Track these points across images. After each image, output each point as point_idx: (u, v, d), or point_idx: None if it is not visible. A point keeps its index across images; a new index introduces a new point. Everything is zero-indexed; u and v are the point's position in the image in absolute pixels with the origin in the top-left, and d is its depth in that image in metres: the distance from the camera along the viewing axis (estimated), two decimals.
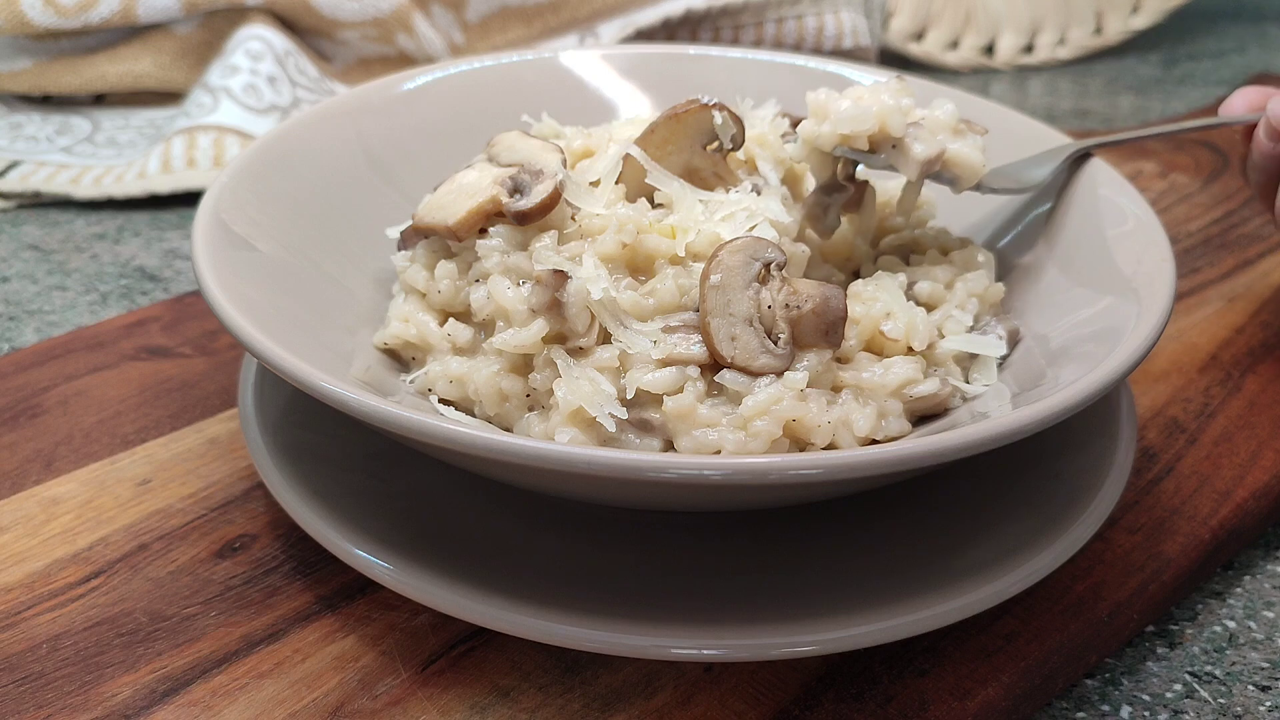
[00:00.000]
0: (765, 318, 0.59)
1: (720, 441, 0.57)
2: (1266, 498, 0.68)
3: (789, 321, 0.59)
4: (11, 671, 0.56)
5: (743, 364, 0.58)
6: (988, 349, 0.65)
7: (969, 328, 0.66)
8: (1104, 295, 0.63)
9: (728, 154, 0.69)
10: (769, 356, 0.58)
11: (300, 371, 0.52)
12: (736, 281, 0.59)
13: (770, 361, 0.58)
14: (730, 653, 0.52)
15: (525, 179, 0.65)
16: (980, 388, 0.63)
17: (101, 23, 1.18)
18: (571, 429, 0.58)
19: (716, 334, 0.58)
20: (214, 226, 0.63)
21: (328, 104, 0.79)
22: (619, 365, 0.59)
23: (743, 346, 0.58)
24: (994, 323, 0.67)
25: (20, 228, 1.03)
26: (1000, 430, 0.49)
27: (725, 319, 0.58)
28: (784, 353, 0.59)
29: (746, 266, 0.59)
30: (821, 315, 0.59)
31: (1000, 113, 0.81)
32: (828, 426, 0.57)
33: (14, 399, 0.75)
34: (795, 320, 0.59)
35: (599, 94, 0.87)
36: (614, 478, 0.48)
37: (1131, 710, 0.58)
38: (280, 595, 0.60)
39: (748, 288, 0.59)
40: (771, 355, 0.58)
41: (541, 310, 0.60)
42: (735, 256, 0.60)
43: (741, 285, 0.59)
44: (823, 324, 0.59)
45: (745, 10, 1.35)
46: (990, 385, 0.63)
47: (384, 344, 0.67)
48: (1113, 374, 0.53)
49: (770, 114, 0.75)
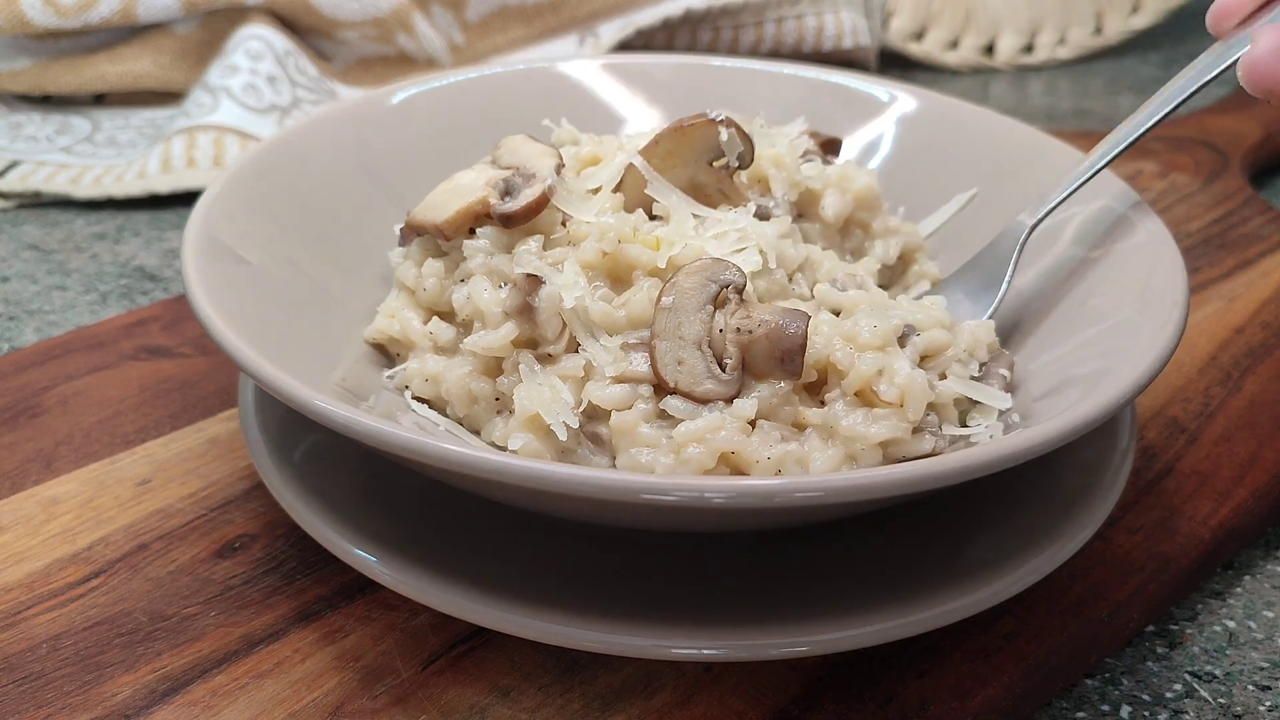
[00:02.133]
0: (716, 342, 0.57)
1: (653, 463, 0.56)
2: (1266, 498, 0.68)
3: (740, 347, 0.57)
4: (11, 671, 0.56)
5: (686, 389, 0.56)
6: (992, 400, 0.61)
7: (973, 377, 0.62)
8: (1113, 314, 0.62)
9: (734, 172, 0.68)
10: (713, 382, 0.56)
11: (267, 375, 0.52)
12: (690, 304, 0.57)
13: (714, 388, 0.56)
14: (730, 653, 0.52)
15: (517, 182, 0.65)
16: (979, 429, 0.60)
17: (101, 22, 1.18)
18: (526, 435, 0.58)
19: (662, 358, 0.57)
20: (204, 238, 0.63)
21: (324, 112, 0.79)
22: (584, 375, 0.59)
23: (687, 371, 0.56)
24: (994, 369, 0.63)
25: (20, 228, 1.03)
26: (1002, 453, 0.49)
27: (674, 342, 0.56)
28: (730, 379, 0.56)
29: (702, 289, 0.57)
30: (775, 341, 0.56)
31: (993, 119, 0.81)
32: (768, 462, 0.55)
33: (14, 399, 0.75)
34: (746, 345, 0.57)
35: (600, 103, 0.87)
36: (529, 489, 0.48)
37: (1131, 710, 0.58)
38: (280, 595, 0.60)
39: (701, 310, 0.57)
40: (716, 381, 0.56)
41: (514, 313, 0.61)
42: (691, 279, 0.58)
43: (695, 308, 0.57)
44: (777, 351, 0.56)
45: (745, 10, 1.35)
46: (989, 426, 0.60)
47: (371, 339, 0.68)
48: (1120, 397, 0.52)
49: (795, 131, 0.74)
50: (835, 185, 0.72)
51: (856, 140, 0.84)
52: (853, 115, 0.85)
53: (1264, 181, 1.18)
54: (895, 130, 0.84)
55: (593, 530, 0.58)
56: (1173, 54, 1.56)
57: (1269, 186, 1.17)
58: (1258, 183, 1.16)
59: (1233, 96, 1.27)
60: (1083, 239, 0.70)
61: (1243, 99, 1.26)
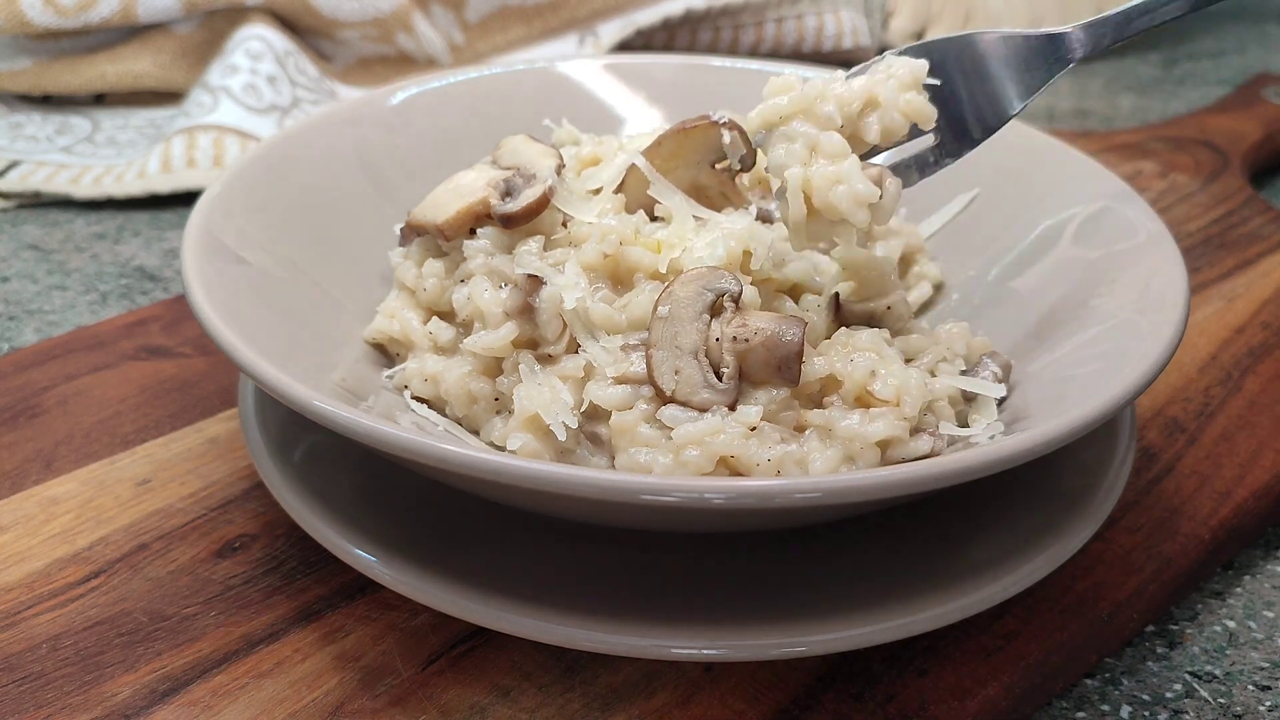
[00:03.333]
0: (712, 351, 0.57)
1: (651, 463, 0.56)
2: (1266, 498, 0.68)
3: (736, 355, 0.57)
4: (11, 671, 0.56)
5: (683, 398, 0.56)
6: (986, 390, 0.61)
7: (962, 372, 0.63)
8: (1113, 315, 0.62)
9: (736, 174, 0.68)
10: (710, 391, 0.56)
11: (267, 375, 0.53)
12: (686, 313, 0.57)
13: (711, 396, 0.56)
14: (730, 653, 0.52)
15: (518, 182, 0.65)
16: (980, 429, 0.60)
17: (101, 22, 1.18)
18: (525, 435, 0.58)
19: (658, 367, 0.57)
20: (204, 238, 0.63)
21: (324, 112, 0.79)
22: (584, 376, 0.59)
23: (684, 380, 0.56)
24: (986, 361, 0.64)
25: (20, 228, 1.03)
26: (1002, 454, 0.49)
27: (670, 351, 0.57)
28: (727, 388, 0.56)
29: (698, 298, 0.57)
30: (772, 349, 0.56)
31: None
32: (768, 465, 0.55)
33: (14, 399, 0.75)
34: (743, 354, 0.57)
35: (600, 104, 0.87)
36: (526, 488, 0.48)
37: (1131, 710, 0.58)
38: (280, 595, 0.60)
39: (698, 319, 0.57)
40: (713, 390, 0.56)
41: (514, 314, 0.61)
42: (687, 288, 0.58)
43: (691, 317, 0.57)
44: (774, 359, 0.56)
45: (745, 10, 1.35)
46: (989, 425, 0.60)
47: (371, 338, 0.68)
48: (1120, 397, 0.52)
49: None
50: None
51: None
52: None
53: (1264, 181, 1.18)
54: None
55: (593, 530, 0.58)
56: (1173, 54, 1.56)
57: (1269, 186, 1.17)
58: (1258, 183, 1.16)
59: (1233, 96, 1.27)
60: (1083, 239, 0.70)
61: (1243, 99, 1.26)
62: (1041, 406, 0.59)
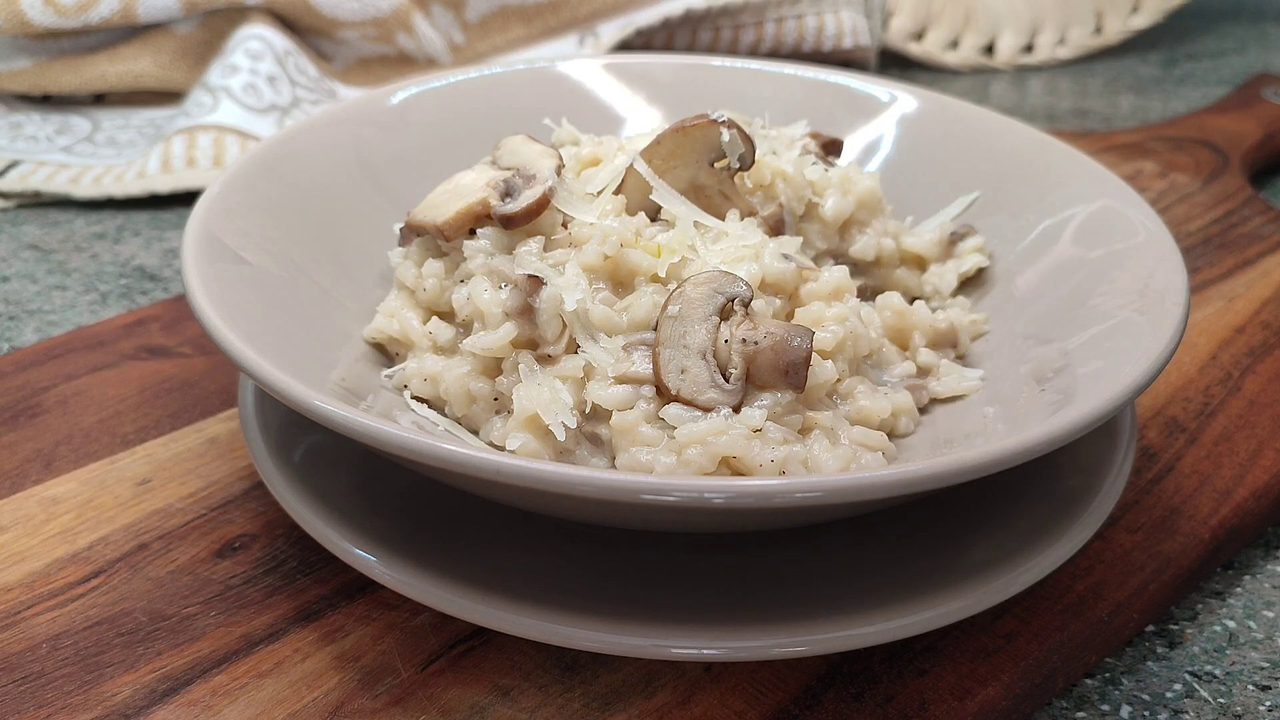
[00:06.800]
0: (720, 352, 0.57)
1: (653, 463, 0.56)
2: (1266, 498, 0.68)
3: (744, 358, 0.57)
4: (11, 671, 0.56)
5: (689, 397, 0.57)
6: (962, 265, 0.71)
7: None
8: (1113, 315, 0.62)
9: (735, 173, 0.68)
10: (716, 391, 0.56)
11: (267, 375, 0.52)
12: (696, 314, 0.57)
13: (717, 396, 0.56)
14: (730, 653, 0.52)
15: (518, 183, 0.65)
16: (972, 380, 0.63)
17: (101, 22, 1.18)
18: (525, 435, 0.58)
19: (665, 365, 0.57)
20: (204, 238, 0.63)
21: (324, 112, 0.79)
22: (583, 376, 0.59)
23: (691, 379, 0.56)
24: None
25: (20, 228, 1.03)
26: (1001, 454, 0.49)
27: (678, 350, 0.57)
28: (733, 389, 0.57)
29: (709, 300, 0.58)
30: (780, 354, 0.57)
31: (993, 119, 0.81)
32: (771, 465, 0.56)
33: (14, 399, 0.75)
34: (751, 357, 0.57)
35: (600, 104, 0.87)
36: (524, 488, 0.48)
37: (1131, 710, 0.58)
38: (280, 595, 0.60)
39: (707, 321, 0.57)
40: (720, 390, 0.56)
41: (514, 314, 0.61)
42: (699, 289, 0.58)
43: (701, 318, 0.57)
44: (781, 363, 0.57)
45: (745, 10, 1.35)
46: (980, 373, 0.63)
47: (371, 338, 0.68)
48: (1120, 397, 0.52)
49: (799, 134, 0.74)
50: (836, 187, 0.71)
51: (857, 140, 0.84)
52: (853, 115, 0.85)
53: (1264, 181, 1.18)
54: (895, 130, 0.84)
55: (593, 530, 0.58)
56: (1172, 54, 1.56)
57: (1269, 186, 1.17)
58: (1258, 183, 1.16)
59: (1233, 96, 1.27)
60: (1083, 239, 0.70)
61: (1243, 99, 1.26)
62: (1042, 406, 0.59)
